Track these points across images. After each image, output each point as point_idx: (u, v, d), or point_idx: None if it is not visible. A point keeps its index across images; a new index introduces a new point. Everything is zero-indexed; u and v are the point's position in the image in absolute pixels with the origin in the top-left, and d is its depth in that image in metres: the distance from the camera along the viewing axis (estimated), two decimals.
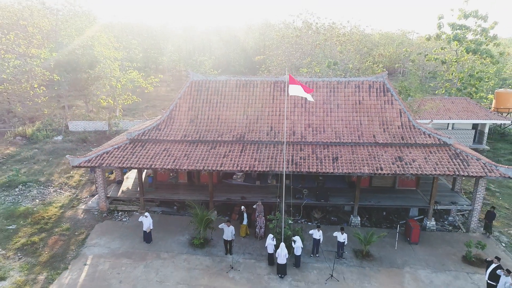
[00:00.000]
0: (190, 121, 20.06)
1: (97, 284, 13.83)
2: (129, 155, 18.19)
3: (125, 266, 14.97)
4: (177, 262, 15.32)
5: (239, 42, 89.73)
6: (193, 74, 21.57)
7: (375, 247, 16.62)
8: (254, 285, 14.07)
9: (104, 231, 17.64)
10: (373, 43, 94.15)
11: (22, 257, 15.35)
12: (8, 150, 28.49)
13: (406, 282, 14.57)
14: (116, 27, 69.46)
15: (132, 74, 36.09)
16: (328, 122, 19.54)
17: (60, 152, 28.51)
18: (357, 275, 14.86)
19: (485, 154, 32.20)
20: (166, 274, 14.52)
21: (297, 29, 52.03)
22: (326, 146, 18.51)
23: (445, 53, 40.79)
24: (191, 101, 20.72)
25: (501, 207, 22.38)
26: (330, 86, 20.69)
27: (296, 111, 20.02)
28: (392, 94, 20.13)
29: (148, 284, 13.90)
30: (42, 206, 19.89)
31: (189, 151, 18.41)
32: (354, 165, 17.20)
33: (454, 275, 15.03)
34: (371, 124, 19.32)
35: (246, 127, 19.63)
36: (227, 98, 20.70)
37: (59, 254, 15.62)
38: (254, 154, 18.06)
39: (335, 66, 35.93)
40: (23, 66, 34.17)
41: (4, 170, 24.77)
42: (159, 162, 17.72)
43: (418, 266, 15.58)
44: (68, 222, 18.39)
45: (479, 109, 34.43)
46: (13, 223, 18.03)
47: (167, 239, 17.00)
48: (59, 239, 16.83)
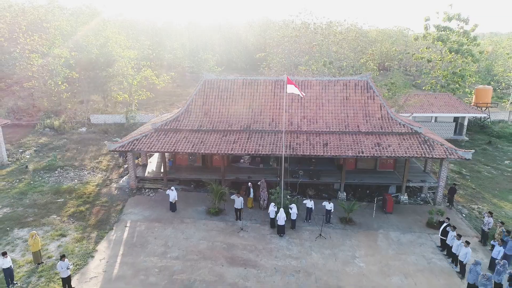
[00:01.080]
0: (204, 113, 23.89)
1: (137, 240, 17.77)
2: (155, 142, 22.05)
3: (157, 228, 18.91)
4: (198, 226, 19.26)
5: (240, 39, 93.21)
6: (206, 74, 25.35)
7: (356, 215, 20.54)
8: (259, 242, 18.01)
9: (136, 203, 21.58)
10: (370, 40, 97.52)
11: (74, 221, 19.29)
12: (41, 140, 32.40)
13: (379, 240, 18.50)
14: (123, 24, 72.88)
15: (146, 72, 39.81)
16: (320, 115, 23.37)
17: (86, 142, 32.42)
18: (341, 235, 18.79)
19: (463, 144, 36.03)
20: (190, 234, 18.46)
21: (296, 29, 55.55)
22: (318, 134, 22.36)
23: (431, 53, 44.44)
24: (204, 97, 24.53)
25: (469, 187, 26.29)
26: (322, 84, 24.50)
27: (293, 105, 23.83)
28: (374, 91, 23.94)
29: (177, 240, 17.83)
30: (81, 185, 23.82)
31: (205, 139, 22.26)
32: (340, 149, 21.07)
33: (418, 235, 18.96)
34: (356, 116, 23.16)
35: (251, 118, 23.47)
36: (235, 94, 24.52)
37: (103, 219, 19.56)
38: (258, 141, 21.92)
39: (330, 65, 39.64)
40: (48, 65, 37.90)
41: (41, 157, 28.69)
42: (180, 147, 21.59)
43: (390, 229, 19.51)
44: (105, 197, 22.33)
45: (459, 103, 38.24)
46: (60, 197, 21.96)
47: (188, 209, 20.93)
48: (101, 209, 20.77)
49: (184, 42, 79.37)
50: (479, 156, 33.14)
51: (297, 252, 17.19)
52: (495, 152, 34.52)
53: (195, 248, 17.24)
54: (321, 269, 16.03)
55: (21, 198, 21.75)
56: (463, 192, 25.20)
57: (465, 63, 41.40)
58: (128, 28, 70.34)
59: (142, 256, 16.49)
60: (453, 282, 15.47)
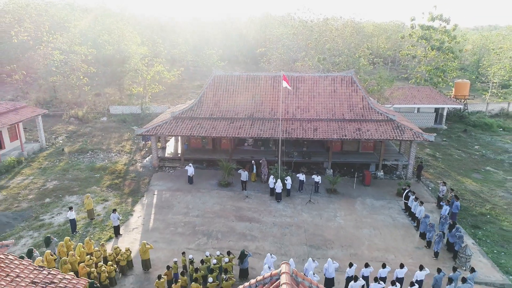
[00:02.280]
0: (214, 104, 28.38)
1: (164, 203, 22.44)
2: (174, 127, 26.59)
3: (179, 195, 23.56)
4: (212, 194, 23.91)
5: (241, 34, 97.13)
6: (215, 71, 29.80)
7: (340, 187, 25.16)
8: (261, 205, 22.67)
9: (159, 178, 26.21)
10: (366, 34, 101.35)
11: (112, 191, 23.94)
12: (69, 127, 36.96)
13: (356, 204, 23.16)
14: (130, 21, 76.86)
15: (158, 67, 44.18)
16: (312, 105, 27.87)
17: (109, 129, 36.98)
18: (326, 201, 23.45)
19: (442, 132, 40.68)
20: (205, 199, 23.11)
21: (294, 27, 59.68)
22: (309, 121, 26.88)
23: (416, 49, 48.75)
24: (214, 90, 29.00)
25: (439, 167, 30.93)
26: (313, 79, 28.97)
27: (289, 97, 28.31)
28: (357, 85, 28.42)
29: (195, 204, 22.49)
30: (111, 164, 28.43)
31: (215, 125, 26.79)
32: (327, 133, 25.61)
33: (388, 201, 23.62)
34: (341, 106, 27.66)
35: (254, 108, 27.96)
36: (240, 88, 28.98)
37: (135, 189, 24.22)
38: (260, 127, 26.45)
39: (324, 61, 43.95)
40: (71, 62, 42.24)
41: (72, 142, 33.27)
42: (195, 132, 26.14)
43: (366, 197, 24.16)
44: (133, 173, 26.96)
45: (439, 96, 42.73)
46: (96, 173, 26.60)
47: (203, 182, 25.55)
48: (132, 182, 25.41)
49: (187, 37, 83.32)
50: (454, 142, 37.75)
51: (291, 213, 21.86)
52: (468, 139, 39.08)
53: (210, 210, 21.91)
54: (309, 224, 20.70)
55: (64, 174, 26.37)
56: (433, 171, 29.85)
57: (446, 59, 45.73)
58: (135, 24, 74.42)
59: (170, 215, 21.17)
60: (410, 233, 20.14)
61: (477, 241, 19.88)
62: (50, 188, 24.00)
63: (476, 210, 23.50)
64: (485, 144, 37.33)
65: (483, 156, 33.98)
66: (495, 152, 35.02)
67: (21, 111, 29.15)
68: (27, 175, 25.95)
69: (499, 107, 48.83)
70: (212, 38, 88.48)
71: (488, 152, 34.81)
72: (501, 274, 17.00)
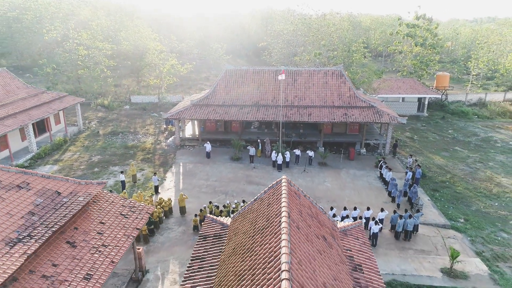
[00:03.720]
0: (226, 93, 34.03)
1: (189, 172, 28.30)
2: (193, 112, 32.30)
3: (200, 166, 29.41)
4: (225, 165, 29.74)
5: (244, 28, 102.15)
6: (227, 65, 35.40)
7: (329, 161, 30.97)
8: (266, 174, 28.52)
9: (182, 154, 32.03)
10: (363, 28, 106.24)
11: (146, 163, 29.80)
12: (98, 114, 42.71)
13: (341, 173, 28.99)
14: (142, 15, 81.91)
15: (172, 61, 49.66)
16: (307, 94, 33.52)
17: (132, 116, 42.71)
18: (318, 171, 29.27)
19: (423, 119, 46.39)
20: (221, 169, 28.95)
21: (294, 23, 64.89)
22: (305, 108, 32.56)
23: (403, 45, 54.18)
24: (226, 82, 34.62)
25: (414, 147, 36.71)
26: (309, 73, 34.58)
27: (288, 87, 33.94)
28: (345, 77, 34.03)
29: (213, 173, 28.31)
30: (141, 143, 34.24)
31: (227, 111, 32.48)
32: (320, 117, 31.32)
33: (367, 172, 29.46)
34: (332, 95, 33.32)
35: (259, 97, 33.60)
36: (247, 80, 34.60)
37: (164, 162, 30.08)
38: (264, 112, 32.15)
39: (320, 55, 49.42)
40: (96, 57, 47.75)
41: (104, 126, 39.05)
42: (211, 116, 31.86)
43: (350, 169, 29.98)
44: (160, 150, 32.78)
45: (422, 87, 48.34)
46: (130, 150, 32.44)
47: (218, 157, 31.36)
48: (160, 156, 31.26)
49: (193, 32, 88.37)
50: (431, 127, 43.48)
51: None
52: (445, 124, 44.79)
53: (225, 176, 27.78)
54: (303, 186, 26.55)
55: (104, 150, 32.21)
56: (409, 150, 35.65)
57: (429, 54, 51.20)
58: (146, 20, 79.54)
59: (194, 180, 27.05)
60: (381, 193, 26.00)
61: (433, 199, 25.76)
62: (96, 161, 29.86)
63: (438, 178, 29.37)
64: (458, 129, 43.08)
65: (454, 138, 39.76)
66: (465, 135, 40.79)
67: (64, 99, 34.86)
68: (74, 152, 31.80)
69: (477, 97, 54.43)
70: (216, 32, 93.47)
71: (459, 135, 40.58)
72: (445, 219, 22.93)
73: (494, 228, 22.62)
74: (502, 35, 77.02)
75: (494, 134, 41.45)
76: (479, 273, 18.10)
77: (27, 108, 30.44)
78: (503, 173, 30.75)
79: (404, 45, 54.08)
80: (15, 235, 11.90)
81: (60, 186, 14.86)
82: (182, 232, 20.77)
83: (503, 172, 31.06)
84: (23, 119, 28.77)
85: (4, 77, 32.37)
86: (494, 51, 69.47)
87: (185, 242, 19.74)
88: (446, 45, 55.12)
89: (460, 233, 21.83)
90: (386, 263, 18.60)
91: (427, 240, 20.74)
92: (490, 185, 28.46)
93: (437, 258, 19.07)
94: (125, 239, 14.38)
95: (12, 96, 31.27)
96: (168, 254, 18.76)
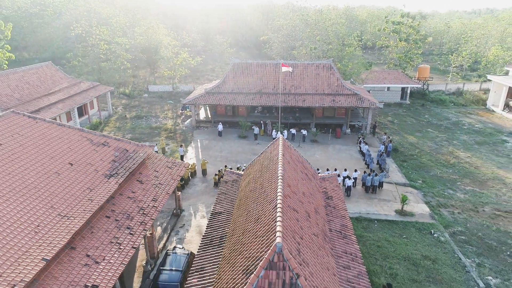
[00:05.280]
0: (234, 83, 40.54)
1: (206, 146, 35.03)
2: (207, 98, 38.88)
3: (214, 142, 36.12)
4: (235, 142, 36.44)
5: (246, 21, 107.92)
6: (234, 59, 41.86)
7: (319, 139, 37.64)
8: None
9: (198, 133, 38.72)
10: (360, 21, 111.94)
11: (170, 140, 36.50)
12: (122, 101, 49.31)
13: (329, 148, 35.71)
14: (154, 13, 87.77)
15: (184, 55, 55.99)
16: (302, 84, 40.03)
17: (151, 102, 49.28)
18: (310, 147, 35.98)
19: (405, 106, 52.94)
20: (231, 145, 35.67)
21: (292, 19, 70.99)
22: (300, 95, 39.11)
23: (389, 40, 60.45)
24: (234, 73, 41.10)
25: (393, 128, 43.36)
26: (303, 66, 41.06)
27: (286, 78, 40.43)
28: (334, 69, 40.51)
29: (225, 147, 35.03)
30: (162, 125, 40.89)
31: (235, 97, 39.03)
32: (312, 103, 37.90)
33: (350, 147, 36.17)
34: (322, 85, 39.84)
35: (261, 86, 40.12)
36: (252, 71, 41.09)
37: (185, 139, 36.79)
38: (266, 98, 38.72)
39: (315, 49, 55.73)
40: (116, 51, 54.08)
41: (129, 111, 45.67)
42: (222, 101, 38.45)
43: (336, 144, 36.69)
44: (179, 130, 39.45)
45: (405, 77, 54.77)
46: (155, 130, 39.08)
47: (228, 136, 38.04)
48: (180, 135, 37.95)
49: (197, 25, 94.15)
50: (411, 113, 50.05)
51: None
52: (423, 110, 51.36)
53: (235, 150, 34.50)
54: None
55: (133, 130, 38.88)
56: (388, 131, 42.28)
57: (412, 49, 57.55)
58: (156, 16, 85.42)
59: (210, 152, 33.77)
60: (359, 162, 32.72)
61: (400, 167, 32.48)
62: (128, 138, 36.52)
63: (408, 153, 36.07)
64: (434, 114, 49.69)
65: (429, 122, 46.40)
66: (439, 119, 47.42)
67: (97, 88, 41.41)
68: (109, 131, 38.49)
69: (456, 87, 60.89)
70: (218, 24, 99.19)
71: (433, 119, 47.22)
72: (406, 180, 29.74)
73: (444, 187, 29.42)
74: (487, 29, 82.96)
75: (464, 118, 48.08)
76: (422, 213, 24.95)
77: (71, 95, 37.01)
78: (462, 149, 37.48)
79: (390, 40, 60.35)
80: (108, 172, 18.64)
81: (127, 146, 21.55)
82: (205, 187, 27.59)
83: (462, 148, 37.79)
84: (70, 104, 35.38)
85: (50, 69, 38.87)
86: (477, 44, 75.54)
87: (208, 193, 26.57)
88: (428, 40, 61.22)
89: (416, 190, 28.63)
90: (356, 207, 25.45)
91: (389, 193, 27.56)
92: (449, 158, 35.20)
93: (394, 204, 25.90)
94: (173, 181, 21.16)
95: (58, 85, 37.82)
96: (197, 200, 25.59)
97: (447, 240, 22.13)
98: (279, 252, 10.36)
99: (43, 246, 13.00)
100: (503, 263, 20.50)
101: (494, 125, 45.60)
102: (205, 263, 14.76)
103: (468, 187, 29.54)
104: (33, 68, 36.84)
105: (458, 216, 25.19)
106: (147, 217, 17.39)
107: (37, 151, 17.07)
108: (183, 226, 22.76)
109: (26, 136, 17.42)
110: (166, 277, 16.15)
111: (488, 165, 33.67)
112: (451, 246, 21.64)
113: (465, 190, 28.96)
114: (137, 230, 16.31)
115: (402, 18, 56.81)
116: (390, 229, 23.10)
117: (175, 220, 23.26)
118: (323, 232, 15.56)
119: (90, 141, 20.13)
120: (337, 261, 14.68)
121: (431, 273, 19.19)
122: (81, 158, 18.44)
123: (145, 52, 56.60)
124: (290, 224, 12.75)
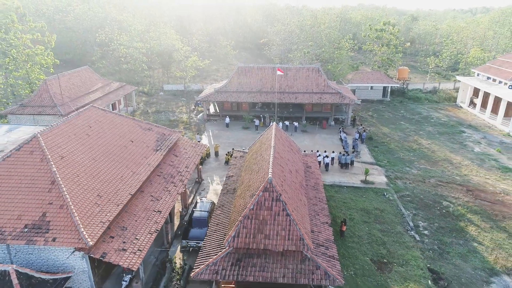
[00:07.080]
0: (238, 83, 48.88)
1: (216, 135, 43.48)
2: (216, 96, 47.26)
3: (222, 132, 44.56)
4: (239, 132, 44.86)
5: (246, 22, 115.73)
6: (239, 64, 50.19)
7: (308, 129, 46.04)
8: None
9: (209, 125, 47.14)
10: (354, 23, 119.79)
11: (186, 130, 44.90)
12: (142, 98, 57.70)
13: (316, 137, 44.13)
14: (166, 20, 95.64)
15: (194, 58, 64.21)
16: (294, 84, 48.37)
17: (167, 100, 57.66)
18: (300, 135, 44.35)
19: (385, 102, 61.30)
20: (236, 134, 44.09)
21: (289, 25, 78.95)
22: (293, 93, 47.47)
23: (373, 45, 68.68)
24: (238, 75, 49.44)
25: (371, 121, 51.75)
26: (296, 69, 49.42)
27: (282, 79, 48.76)
28: (321, 72, 48.85)
29: (232, 136, 43.44)
30: (179, 118, 49.25)
31: (239, 96, 47.40)
32: (303, 100, 46.29)
33: (333, 136, 44.57)
34: (311, 85, 48.19)
35: (261, 86, 48.46)
36: (253, 74, 49.44)
37: (199, 129, 45.24)
38: (265, 96, 47.08)
39: (308, 53, 63.96)
40: (134, 55, 62.29)
41: (149, 106, 54.03)
42: (228, 99, 46.85)
43: (322, 134, 45.09)
44: (193, 123, 47.86)
45: (385, 78, 63.09)
46: (173, 122, 47.46)
47: (233, 127, 46.44)
48: (195, 126, 46.36)
49: (201, 27, 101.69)
50: (390, 109, 58.41)
51: None
52: (400, 106, 59.70)
53: (240, 138, 42.92)
54: None
55: (156, 122, 47.20)
56: (367, 123, 50.67)
57: (393, 52, 65.81)
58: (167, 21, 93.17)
59: (220, 139, 42.19)
60: (339, 147, 41.11)
61: (371, 151, 40.88)
62: None
63: (380, 140, 44.48)
64: (409, 110, 58.06)
65: (403, 116, 54.79)
66: (412, 114, 55.80)
67: (125, 87, 49.77)
68: None
69: (432, 86, 69.21)
70: (221, 25, 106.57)
71: (407, 114, 55.60)
72: (373, 160, 38.21)
73: (403, 166, 37.84)
74: (468, 32, 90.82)
75: (434, 113, 56.44)
76: (381, 182, 33.42)
77: (106, 93, 45.39)
78: (425, 137, 45.88)
79: (374, 45, 68.61)
80: (155, 147, 27.04)
81: (163, 131, 29.93)
82: (218, 164, 36.08)
83: (426, 137, 46.18)
84: (106, 101, 43.76)
85: (88, 72, 47.23)
86: (456, 47, 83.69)
87: (221, 168, 35.04)
88: (406, 45, 69.33)
89: (381, 167, 37.05)
90: (332, 177, 33.91)
91: (358, 169, 35.99)
92: (413, 144, 43.61)
93: (361, 177, 34.33)
94: (197, 156, 29.60)
95: (94, 85, 46.21)
96: (212, 173, 34.06)
97: (394, 199, 30.65)
98: (270, 182, 18.79)
99: (127, 187, 21.48)
100: (433, 214, 28.99)
101: (458, 119, 53.97)
102: (224, 202, 23.25)
103: (422, 166, 37.97)
104: (75, 72, 45.23)
105: (408, 185, 33.67)
106: (183, 176, 25.86)
107: (111, 132, 25.49)
108: (204, 189, 31.26)
109: (103, 122, 25.84)
110: (198, 214, 24.65)
111: (443, 150, 42.10)
112: (396, 203, 30.14)
113: (419, 168, 37.40)
114: (178, 183, 24.79)
115: (384, 25, 65.03)
116: (354, 192, 31.59)
117: (198, 185, 31.77)
118: (300, 183, 24.04)
119: (140, 126, 28.55)
120: (308, 200, 23.16)
121: (378, 217, 27.71)
122: (137, 137, 26.86)
123: (159, 55, 64.88)
124: (278, 172, 21.21)
